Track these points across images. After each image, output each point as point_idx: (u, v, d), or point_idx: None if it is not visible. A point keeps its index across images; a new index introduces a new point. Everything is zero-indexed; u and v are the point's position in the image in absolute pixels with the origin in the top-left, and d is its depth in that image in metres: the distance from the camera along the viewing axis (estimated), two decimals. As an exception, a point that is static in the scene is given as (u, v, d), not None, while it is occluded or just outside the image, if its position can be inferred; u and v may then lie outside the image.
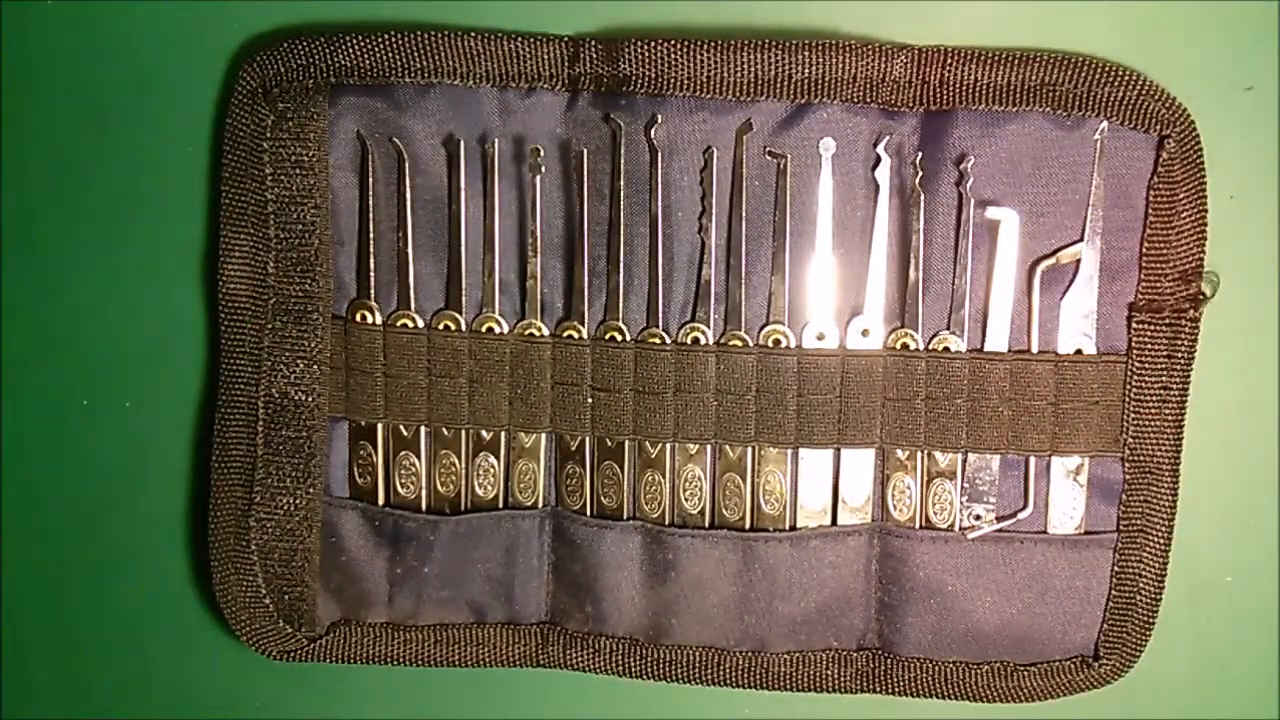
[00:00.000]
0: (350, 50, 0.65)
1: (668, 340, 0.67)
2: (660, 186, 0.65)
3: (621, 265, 0.66)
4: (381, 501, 0.70)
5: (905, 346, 0.66)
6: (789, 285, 0.66)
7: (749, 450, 0.67)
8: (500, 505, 0.69)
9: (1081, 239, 0.64)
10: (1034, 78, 0.63)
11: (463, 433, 0.69)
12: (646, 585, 0.68)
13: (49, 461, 0.73)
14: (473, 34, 0.65)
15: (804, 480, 0.67)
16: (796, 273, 0.66)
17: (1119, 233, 0.64)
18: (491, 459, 0.69)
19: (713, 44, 0.64)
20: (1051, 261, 0.65)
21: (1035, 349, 0.65)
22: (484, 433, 0.69)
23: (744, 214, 0.65)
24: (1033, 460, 0.66)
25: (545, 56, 0.65)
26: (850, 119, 0.65)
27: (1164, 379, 0.65)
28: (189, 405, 0.72)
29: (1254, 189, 0.66)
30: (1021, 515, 0.66)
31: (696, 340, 0.66)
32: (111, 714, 0.75)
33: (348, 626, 0.70)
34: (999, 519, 0.66)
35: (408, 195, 0.67)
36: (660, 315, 0.67)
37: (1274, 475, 0.68)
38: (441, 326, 0.68)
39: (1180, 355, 0.64)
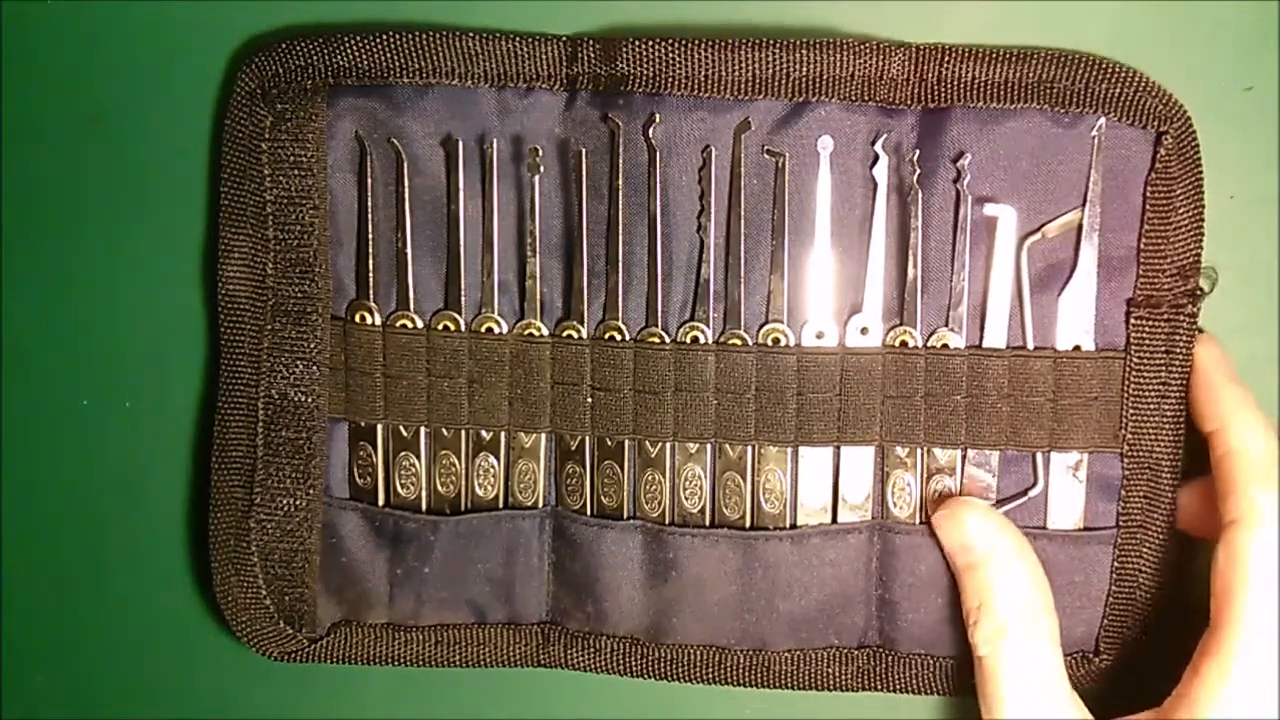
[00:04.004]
0: (348, 51, 0.65)
1: (667, 339, 0.67)
2: (659, 186, 0.66)
3: (620, 265, 0.66)
4: (381, 502, 0.70)
5: (904, 344, 0.66)
6: (788, 283, 0.66)
7: (749, 449, 0.67)
8: (500, 505, 0.69)
9: (1081, 213, 0.65)
10: (1031, 75, 0.63)
11: (463, 433, 0.69)
12: (647, 584, 0.68)
13: (49, 461, 0.73)
14: (471, 34, 0.65)
15: (804, 478, 0.67)
16: (795, 271, 0.66)
17: (1117, 229, 0.64)
18: (491, 459, 0.69)
19: (710, 43, 0.64)
20: (1037, 238, 0.65)
21: (1030, 343, 0.65)
22: (484, 433, 0.69)
23: (742, 213, 0.66)
24: (1038, 447, 0.67)
25: (543, 56, 0.65)
26: (848, 117, 0.65)
27: (1163, 375, 0.65)
28: (189, 405, 0.72)
29: (1254, 189, 0.66)
30: (1033, 493, 0.66)
31: (696, 339, 0.66)
32: (111, 714, 0.75)
33: (348, 627, 0.70)
34: (1010, 498, 0.66)
35: (406, 196, 0.67)
36: (659, 314, 0.67)
37: (1274, 474, 0.68)
38: (441, 327, 0.68)
39: (1179, 351, 0.64)
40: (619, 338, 0.67)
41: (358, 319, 0.68)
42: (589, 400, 0.67)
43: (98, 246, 0.71)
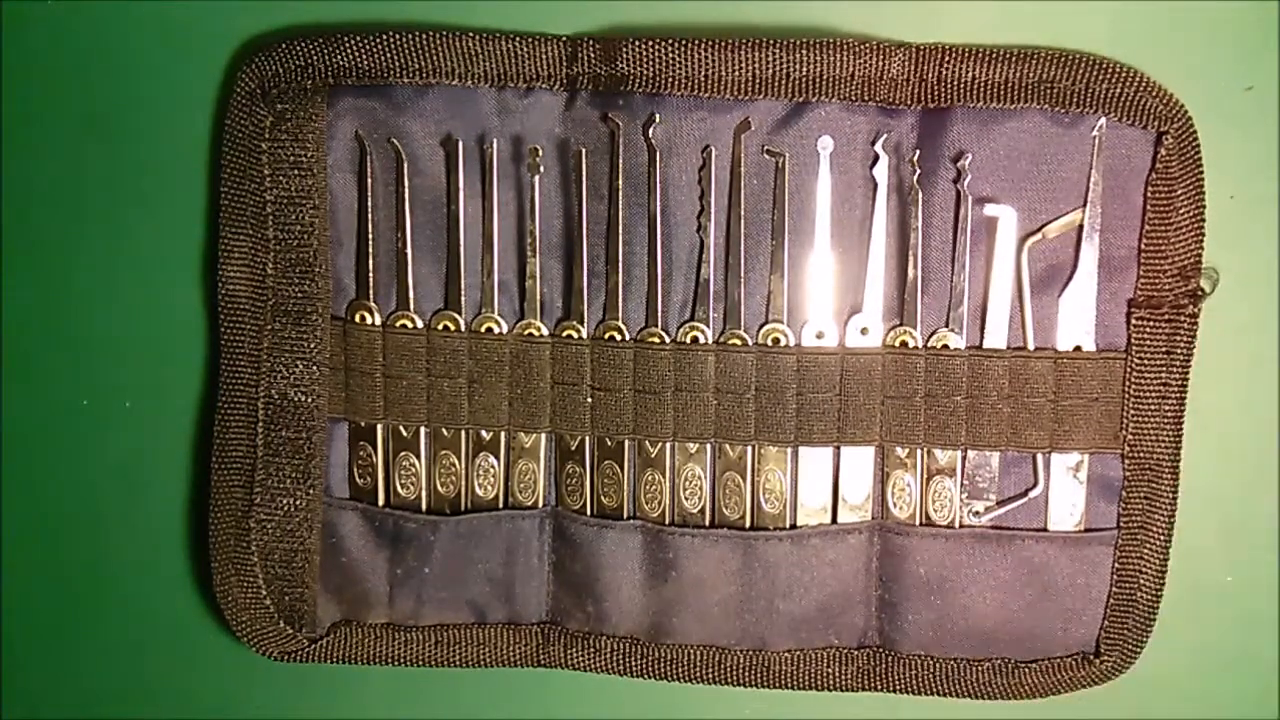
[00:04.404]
0: (348, 51, 0.65)
1: (667, 339, 0.67)
2: (659, 186, 0.65)
3: (620, 265, 0.66)
4: (381, 502, 0.70)
5: (904, 344, 0.66)
6: (788, 284, 0.66)
7: (749, 449, 0.67)
8: (500, 505, 0.69)
9: (1082, 213, 0.64)
10: (1031, 75, 0.63)
11: (462, 433, 0.69)
12: (647, 585, 0.68)
13: (49, 461, 0.73)
14: (471, 34, 0.65)
15: (804, 479, 0.67)
16: (795, 271, 0.66)
17: (1117, 229, 0.64)
18: (491, 459, 0.69)
19: (710, 43, 0.64)
20: (1038, 238, 0.65)
21: (1031, 344, 0.65)
22: (484, 433, 0.69)
23: (742, 213, 0.66)
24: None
25: (543, 56, 0.65)
26: (848, 117, 0.65)
27: (1163, 375, 0.65)
28: (189, 405, 0.72)
29: (1254, 189, 0.66)
30: (1033, 494, 0.66)
31: (695, 339, 0.66)
32: (111, 714, 0.75)
33: (348, 627, 0.70)
34: (1011, 498, 0.66)
35: (406, 196, 0.67)
36: (659, 314, 0.67)
37: (1274, 475, 0.68)
38: (441, 327, 0.68)
39: (1179, 351, 0.64)
40: (619, 338, 0.67)
41: (358, 319, 0.68)
42: (589, 400, 0.67)
43: (98, 246, 0.71)
